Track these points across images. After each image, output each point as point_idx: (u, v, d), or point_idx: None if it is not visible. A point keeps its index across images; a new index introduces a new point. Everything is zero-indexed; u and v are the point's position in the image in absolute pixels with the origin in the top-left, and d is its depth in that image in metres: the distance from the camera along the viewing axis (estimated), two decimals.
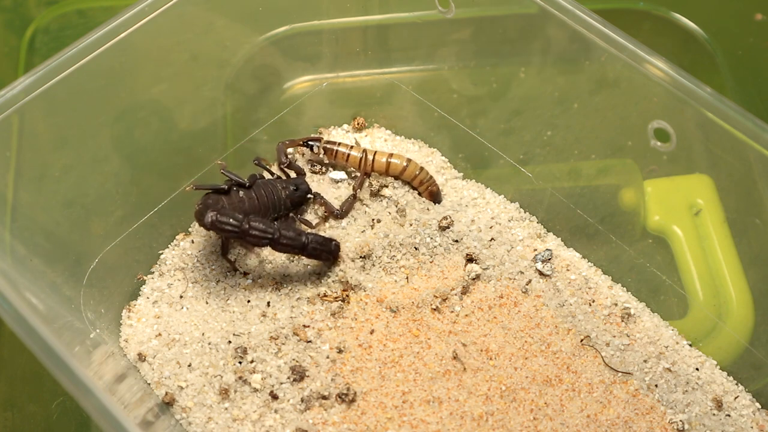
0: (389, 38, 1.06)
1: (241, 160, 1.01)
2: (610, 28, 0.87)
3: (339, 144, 1.01)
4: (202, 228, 0.91)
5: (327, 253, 0.92)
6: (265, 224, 0.89)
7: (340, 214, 0.97)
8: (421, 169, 1.00)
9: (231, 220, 0.88)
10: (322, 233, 0.96)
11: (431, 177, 1.00)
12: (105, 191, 0.94)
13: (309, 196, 0.97)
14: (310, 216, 0.98)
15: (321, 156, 1.01)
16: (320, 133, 1.06)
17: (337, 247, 0.93)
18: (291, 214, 0.97)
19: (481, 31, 1.00)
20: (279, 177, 0.99)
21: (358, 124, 1.07)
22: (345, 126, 1.07)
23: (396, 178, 1.01)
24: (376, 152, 1.00)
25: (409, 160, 1.00)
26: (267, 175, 0.99)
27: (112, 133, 0.94)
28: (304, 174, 1.00)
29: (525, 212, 1.01)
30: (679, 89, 0.85)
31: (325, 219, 0.97)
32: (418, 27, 1.04)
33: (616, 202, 0.99)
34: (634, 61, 0.86)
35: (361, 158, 1.00)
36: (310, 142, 1.01)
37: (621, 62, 0.87)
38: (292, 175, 1.00)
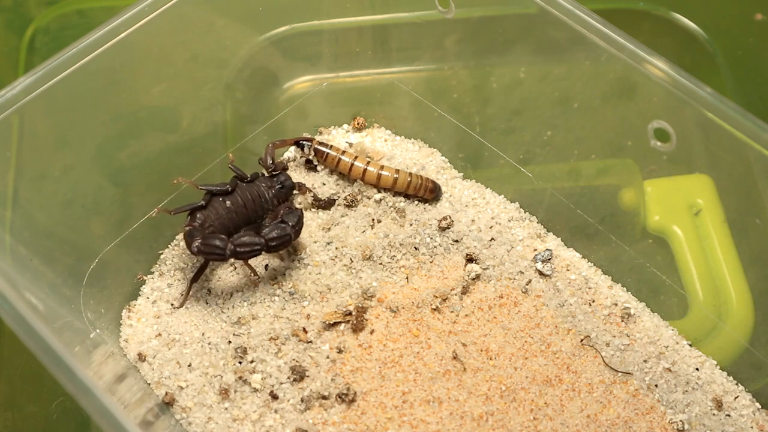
0: (389, 38, 1.06)
1: (241, 160, 1.01)
2: (610, 28, 0.87)
3: (331, 147, 1.00)
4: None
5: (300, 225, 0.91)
6: (249, 237, 0.89)
7: (325, 204, 0.97)
8: (411, 174, 0.99)
9: (217, 244, 0.88)
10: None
11: (421, 177, 0.99)
12: (105, 191, 0.94)
13: (295, 191, 0.97)
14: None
15: (311, 156, 1.01)
16: (320, 134, 1.06)
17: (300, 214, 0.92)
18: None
19: (481, 31, 1.00)
20: (262, 174, 0.97)
21: (358, 124, 1.07)
22: (345, 126, 1.07)
23: (387, 190, 1.00)
24: (368, 162, 0.99)
25: (398, 171, 0.99)
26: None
27: (112, 133, 0.94)
28: (287, 168, 0.99)
29: (525, 212, 1.01)
30: (679, 89, 0.84)
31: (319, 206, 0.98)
32: (418, 27, 1.04)
33: (616, 202, 0.99)
34: (634, 61, 0.86)
35: (351, 165, 0.99)
36: (302, 141, 1.01)
37: (621, 62, 0.87)
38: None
